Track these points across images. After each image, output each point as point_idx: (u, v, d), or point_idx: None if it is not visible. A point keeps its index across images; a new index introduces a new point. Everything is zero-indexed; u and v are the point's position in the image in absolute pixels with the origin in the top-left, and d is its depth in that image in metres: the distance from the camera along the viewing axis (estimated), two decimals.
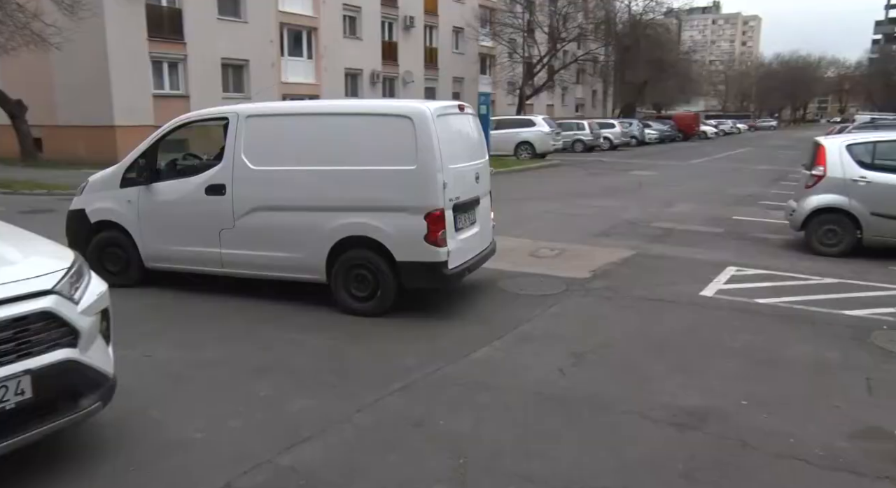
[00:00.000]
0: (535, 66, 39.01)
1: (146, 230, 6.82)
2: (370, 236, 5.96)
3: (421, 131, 5.77)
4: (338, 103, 7.20)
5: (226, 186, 6.40)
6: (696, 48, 78.57)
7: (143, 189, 6.80)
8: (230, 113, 6.56)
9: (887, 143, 9.30)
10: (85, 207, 7.12)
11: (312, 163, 6.13)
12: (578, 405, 4.36)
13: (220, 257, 6.56)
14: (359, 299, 6.13)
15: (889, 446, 3.85)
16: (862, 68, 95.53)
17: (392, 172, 5.87)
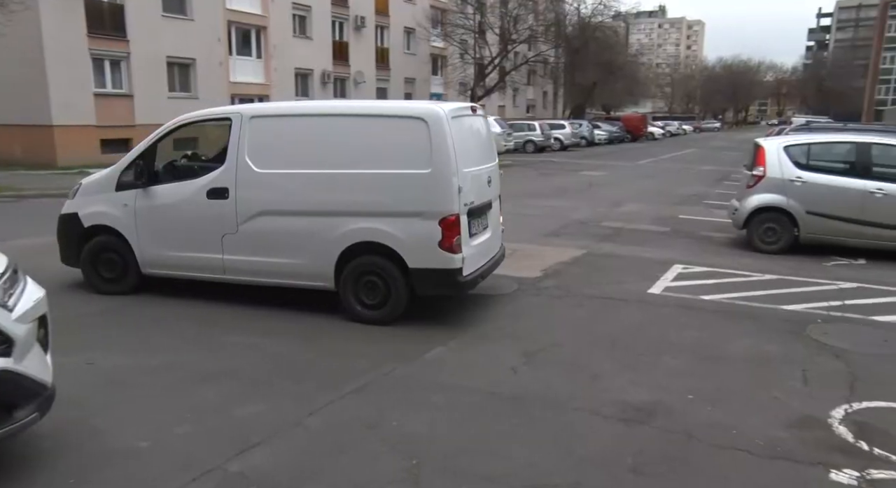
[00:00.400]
0: (486, 67, 39.28)
1: (143, 235, 6.56)
2: (382, 242, 5.75)
3: (435, 133, 5.57)
4: (348, 104, 6.89)
5: (229, 190, 6.15)
6: (644, 51, 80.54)
7: (141, 192, 6.55)
8: (233, 113, 6.33)
9: (820, 145, 9.72)
10: (78, 211, 6.83)
11: (320, 167, 5.89)
12: (531, 403, 4.41)
13: (223, 263, 6.31)
14: (369, 307, 5.91)
15: (822, 434, 4.02)
16: (797, 73, 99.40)
17: (405, 176, 5.66)
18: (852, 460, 3.69)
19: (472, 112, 6.47)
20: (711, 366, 5.13)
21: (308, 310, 6.29)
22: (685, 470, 3.59)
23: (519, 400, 4.45)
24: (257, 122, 6.17)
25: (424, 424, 4.08)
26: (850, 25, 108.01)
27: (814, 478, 3.52)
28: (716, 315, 6.46)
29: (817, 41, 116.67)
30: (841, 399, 4.50)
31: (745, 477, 3.53)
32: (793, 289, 7.38)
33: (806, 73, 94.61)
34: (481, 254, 6.19)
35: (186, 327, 5.86)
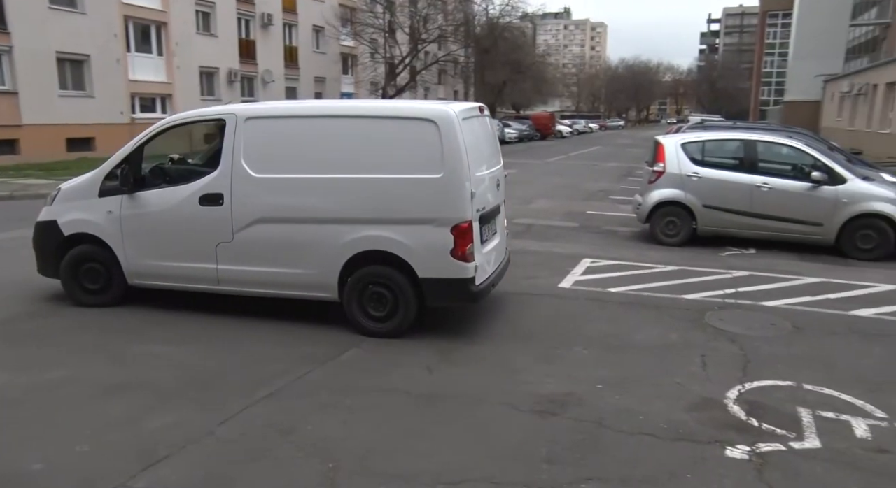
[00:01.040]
0: (397, 67, 39.25)
1: (130, 244, 6.16)
2: (390, 251, 5.47)
3: (447, 136, 5.30)
4: (352, 105, 6.40)
5: (223, 196, 5.80)
6: (551, 51, 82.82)
7: (126, 198, 6.13)
8: (227, 114, 5.95)
9: (713, 142, 10.31)
10: (56, 218, 6.38)
11: (323, 171, 5.56)
12: (447, 401, 4.45)
13: (217, 274, 5.96)
14: (375, 319, 5.64)
15: (719, 414, 4.28)
16: (692, 74, 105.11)
17: (415, 181, 5.38)
18: (744, 436, 3.96)
19: (480, 112, 6.21)
20: (619, 355, 5.35)
21: (218, 314, 6.10)
22: (596, 457, 3.73)
23: (435, 398, 4.48)
24: (253, 124, 5.80)
25: (340, 427, 4.04)
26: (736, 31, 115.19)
27: (711, 456, 3.74)
28: (622, 306, 6.73)
29: (708, 45, 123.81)
30: (735, 380, 4.80)
31: (651, 459, 3.70)
32: (692, 279, 7.80)
33: (700, 75, 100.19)
34: (491, 262, 6.00)
35: (87, 338, 5.54)
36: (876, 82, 30.27)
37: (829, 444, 3.87)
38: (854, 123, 34.08)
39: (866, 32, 42.78)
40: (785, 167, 9.60)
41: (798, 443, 3.88)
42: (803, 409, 4.33)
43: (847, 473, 3.58)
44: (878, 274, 8.18)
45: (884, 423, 4.16)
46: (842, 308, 6.70)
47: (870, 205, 8.99)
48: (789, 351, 5.47)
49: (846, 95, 36.12)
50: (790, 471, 3.58)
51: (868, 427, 4.10)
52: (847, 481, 3.50)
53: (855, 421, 4.17)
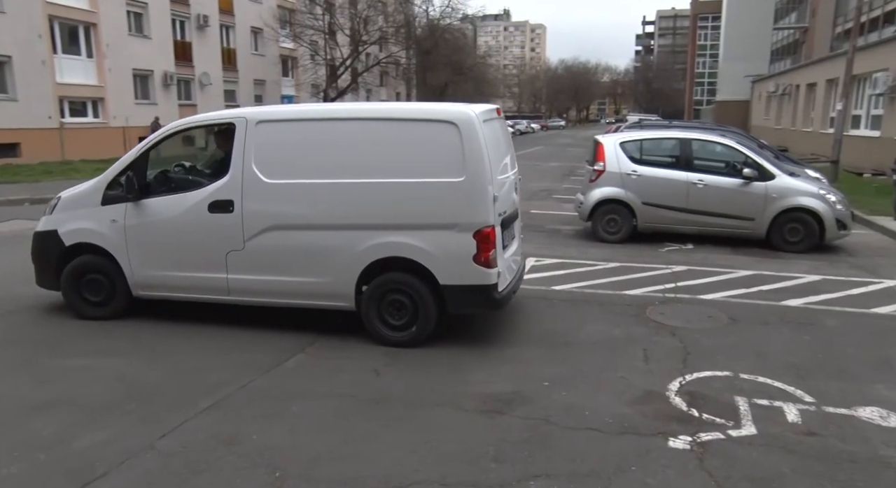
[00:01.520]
0: (338, 69, 38.89)
1: (135, 253, 5.90)
2: (410, 257, 5.31)
3: (468, 138, 5.16)
4: (368, 107, 6.14)
5: (234, 202, 5.58)
6: (491, 53, 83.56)
7: (131, 206, 5.87)
8: (236, 118, 5.72)
9: (651, 141, 10.60)
10: (57, 228, 6.10)
11: (339, 176, 5.38)
12: (394, 403, 4.42)
13: (227, 283, 5.74)
14: (394, 328, 5.49)
15: (661, 406, 4.39)
16: (629, 75, 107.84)
17: (436, 185, 5.22)
18: (686, 426, 4.07)
19: (497, 114, 6.07)
20: (565, 352, 5.42)
21: (154, 323, 5.92)
22: (544, 454, 3.76)
23: (382, 402, 4.44)
24: (265, 128, 5.59)
25: (286, 435, 3.96)
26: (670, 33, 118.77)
27: (655, 447, 3.82)
28: (566, 304, 6.83)
29: (644, 46, 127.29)
30: (676, 372, 4.93)
31: (597, 453, 3.77)
32: (633, 275, 7.99)
33: (636, 75, 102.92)
34: (512, 268, 5.90)
35: (9, 353, 5.27)
36: (798, 83, 31.71)
37: (763, 430, 4.02)
38: (780, 122, 35.63)
39: (788, 36, 44.81)
40: (718, 164, 9.94)
41: (735, 431, 4.01)
42: (740, 398, 4.48)
43: (780, 457, 3.72)
44: (805, 265, 8.56)
45: (812, 407, 4.34)
46: (773, 299, 6.98)
47: (796, 200, 9.39)
48: (726, 342, 5.65)
49: (772, 95, 37.73)
50: (728, 458, 3.70)
51: (798, 412, 4.28)
52: (780, 464, 3.64)
53: (787, 407, 4.34)
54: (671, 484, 3.44)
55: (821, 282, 7.66)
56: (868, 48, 21.78)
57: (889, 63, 19.73)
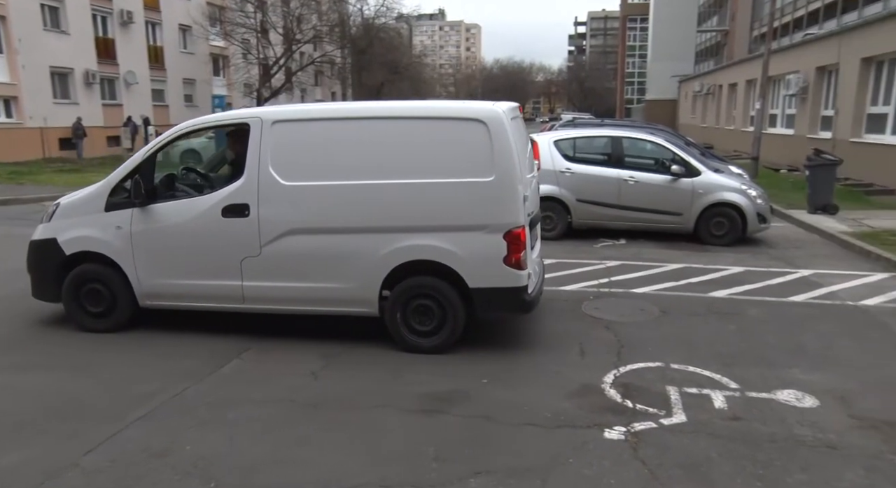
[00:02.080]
0: (271, 68, 38.10)
1: (142, 261, 5.61)
2: (438, 260, 5.15)
3: (497, 136, 5.02)
4: (392, 105, 5.85)
5: (249, 206, 5.33)
6: (427, 52, 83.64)
7: (138, 212, 5.57)
8: (251, 118, 5.44)
9: (584, 139, 10.83)
10: (56, 236, 5.76)
11: (362, 177, 5.18)
12: (333, 406, 4.38)
13: (242, 291, 5.49)
14: (421, 334, 5.33)
15: (597, 399, 4.50)
16: (563, 74, 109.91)
17: (465, 185, 5.07)
18: (620, 417, 4.19)
19: (519, 112, 5.93)
20: (503, 349, 5.48)
21: (78, 333, 5.67)
22: (484, 451, 3.80)
23: (320, 405, 4.39)
24: (282, 128, 5.35)
25: (222, 443, 3.87)
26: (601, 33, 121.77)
27: (591, 439, 3.92)
28: None
29: (576, 46, 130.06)
30: (611, 365, 5.07)
31: (535, 448, 3.83)
32: (569, 271, 8.15)
33: (569, 75, 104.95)
34: (537, 270, 5.77)
35: None
36: (721, 83, 33.05)
37: (693, 417, 4.18)
38: (706, 120, 37.05)
39: (711, 38, 46.66)
40: (648, 162, 10.25)
41: (667, 420, 4.16)
42: (671, 387, 4.64)
43: (708, 442, 3.87)
44: (729, 257, 8.94)
45: (737, 394, 4.54)
46: (701, 291, 7.26)
47: (721, 195, 9.79)
48: (657, 334, 5.84)
49: (697, 95, 39.19)
50: (661, 446, 3.83)
51: (724, 398, 4.47)
52: (708, 449, 3.79)
53: (714, 394, 4.53)
54: (607, 474, 3.53)
55: (744, 274, 8.01)
56: (782, 51, 22.90)
57: (800, 65, 20.80)
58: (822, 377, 4.85)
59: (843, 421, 4.16)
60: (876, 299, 6.91)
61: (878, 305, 6.73)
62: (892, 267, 8.21)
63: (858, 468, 3.60)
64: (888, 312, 6.48)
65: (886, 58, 15.55)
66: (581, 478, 3.50)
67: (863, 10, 21.35)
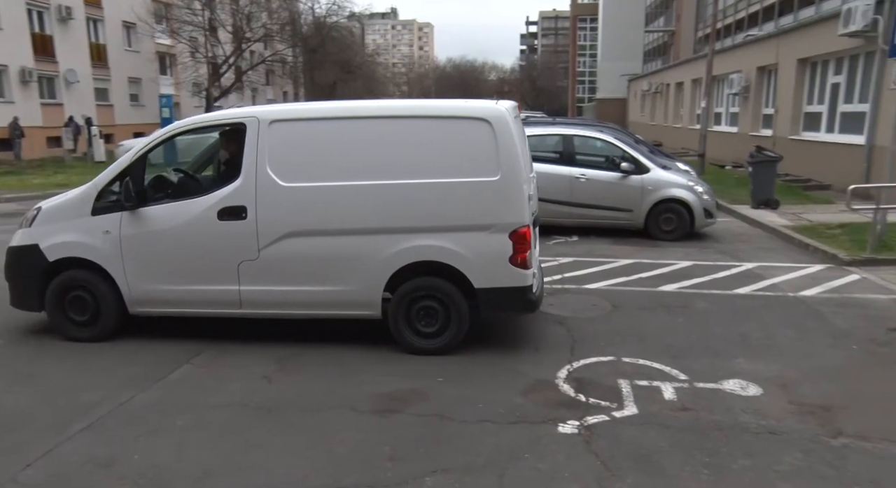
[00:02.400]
0: (221, 67, 37.34)
1: (132, 267, 5.41)
2: (443, 261, 5.11)
3: (502, 135, 5.01)
4: (394, 104, 5.78)
5: (246, 208, 5.18)
6: (380, 51, 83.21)
7: (128, 215, 5.37)
8: (247, 117, 5.30)
9: (536, 137, 10.83)
10: (38, 242, 5.50)
11: (364, 178, 5.10)
12: (286, 410, 4.33)
13: (239, 296, 5.35)
14: (425, 336, 5.27)
15: (551, 394, 4.56)
16: (515, 73, 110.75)
17: (471, 185, 5.04)
18: (574, 412, 4.25)
19: (518, 111, 5.89)
20: (460, 348, 5.45)
21: (15, 342, 5.45)
22: (439, 449, 3.81)
23: (274, 409, 4.33)
24: (280, 128, 5.22)
25: (171, 451, 3.78)
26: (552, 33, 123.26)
27: (546, 434, 3.97)
28: None
29: (528, 46, 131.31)
30: (564, 360, 5.14)
31: (491, 444, 3.85)
32: None
33: (522, 74, 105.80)
34: (537, 270, 5.75)
35: None
36: (668, 82, 33.86)
37: (644, 409, 4.28)
38: (654, 118, 37.90)
39: (658, 38, 47.70)
40: (599, 159, 10.44)
41: (619, 412, 4.24)
42: (623, 380, 4.74)
43: (658, 433, 3.97)
44: (678, 252, 9.17)
45: (686, 385, 4.67)
46: (651, 285, 7.42)
47: (669, 192, 10.03)
48: (610, 328, 5.95)
49: (646, 93, 40.07)
50: (613, 439, 3.90)
51: (674, 389, 4.58)
52: (658, 440, 3.88)
53: (664, 386, 4.64)
54: (561, 468, 3.58)
55: (692, 268, 8.23)
56: (724, 52, 23.58)
57: (742, 65, 21.46)
58: (765, 366, 5.01)
59: (784, 407, 4.31)
60: (814, 290, 7.19)
61: (815, 296, 7.00)
62: (828, 259, 8.56)
63: (797, 451, 3.74)
64: (824, 302, 6.74)
65: (819, 59, 16.17)
66: (536, 473, 3.54)
67: (798, 14, 22.16)
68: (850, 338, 5.69)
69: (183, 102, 37.10)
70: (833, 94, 15.47)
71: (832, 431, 3.98)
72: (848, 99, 14.80)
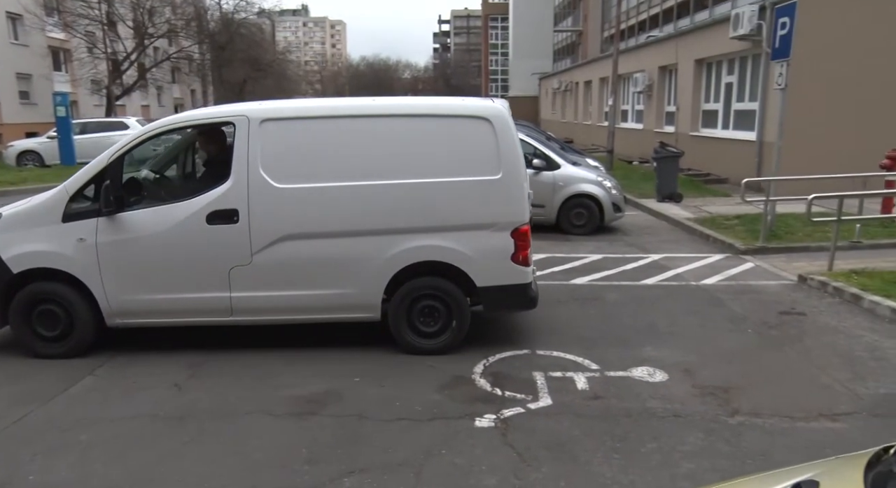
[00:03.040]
0: (122, 63, 35.52)
1: (110, 277, 5.06)
2: (445, 261, 5.08)
3: (502, 134, 5.01)
4: (392, 102, 5.57)
5: (238, 211, 4.96)
6: (291, 49, 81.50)
7: (105, 221, 5.01)
8: (236, 116, 5.07)
9: None
10: (0, 253, 5.05)
11: (362, 178, 4.98)
12: (199, 417, 4.19)
13: (230, 303, 5.11)
14: (426, 335, 5.23)
15: (468, 389, 4.63)
16: (429, 72, 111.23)
17: (472, 184, 5.03)
18: (490, 405, 4.33)
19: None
20: (376, 346, 5.46)
21: None
22: (357, 449, 3.79)
23: (186, 417, 4.19)
24: (272, 127, 5.02)
25: (73, 468, 3.59)
26: (464, 32, 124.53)
27: (463, 429, 4.02)
28: None
29: (441, 44, 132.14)
30: (481, 355, 5.21)
31: (409, 442, 3.87)
32: None
33: (436, 72, 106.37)
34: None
35: None
36: (577, 80, 34.93)
37: (557, 400, 4.41)
38: (565, 116, 38.99)
39: (567, 37, 49.14)
40: None
41: (534, 404, 4.35)
42: (537, 373, 4.86)
43: (572, 422, 4.10)
44: (589, 246, 9.49)
45: (597, 374, 4.85)
46: (564, 279, 7.65)
47: (580, 187, 10.36)
48: (525, 321, 6.08)
49: (556, 91, 41.17)
50: (528, 430, 4.00)
51: (586, 379, 4.75)
52: (572, 428, 4.02)
53: (577, 376, 4.80)
54: (478, 462, 3.64)
55: (602, 261, 8.54)
56: (629, 51, 24.57)
57: (645, 65, 22.43)
58: (671, 352, 5.28)
59: (687, 390, 4.56)
60: (714, 278, 7.62)
61: (715, 284, 7.42)
62: (726, 248, 9.09)
63: (699, 432, 3.96)
64: (723, 290, 7.17)
65: (714, 60, 17.12)
66: (454, 468, 3.59)
67: (694, 17, 23.39)
68: (746, 322, 6.07)
69: (81, 101, 35.14)
70: (727, 92, 16.41)
71: (730, 411, 4.24)
72: (740, 98, 15.73)
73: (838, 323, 5.99)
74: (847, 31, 12.64)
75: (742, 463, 3.56)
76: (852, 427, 4.01)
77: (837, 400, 4.37)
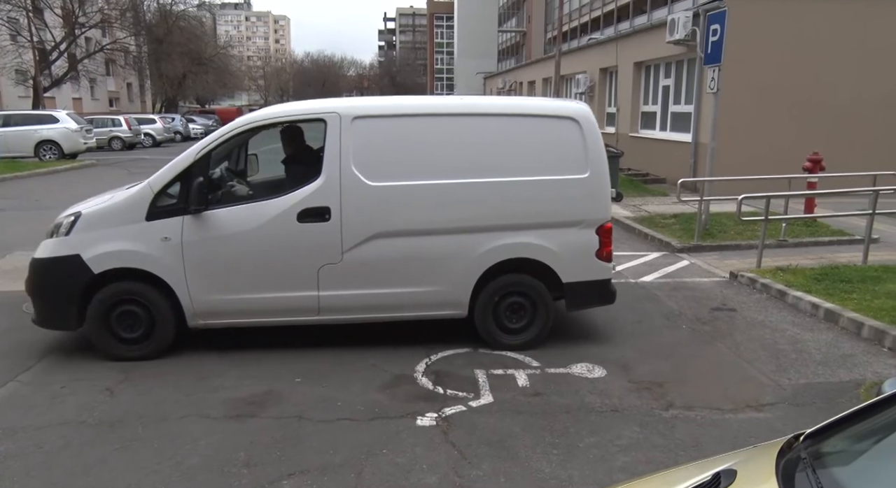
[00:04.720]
0: (50, 54, 33.97)
1: (196, 277, 4.95)
2: (534, 258, 5.18)
3: (589, 134, 5.15)
4: (482, 102, 5.58)
5: (330, 209, 4.91)
6: (233, 43, 79.62)
7: (191, 220, 4.89)
8: (328, 113, 5.00)
9: None
10: (80, 252, 4.85)
11: (453, 176, 5.03)
12: (132, 423, 4.06)
13: (318, 302, 5.08)
14: (512, 332, 5.29)
15: (410, 388, 4.63)
16: (374, 69, 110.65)
17: (562, 182, 5.14)
18: (432, 404, 4.34)
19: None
20: (319, 346, 5.40)
21: None
22: (297, 451, 3.74)
23: (118, 423, 4.05)
24: (364, 124, 5.00)
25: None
26: (410, 30, 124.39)
27: (404, 428, 4.02)
28: None
29: (387, 42, 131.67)
30: (423, 354, 5.22)
31: (350, 442, 3.84)
32: None
33: (381, 70, 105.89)
34: None
35: None
36: (522, 80, 35.34)
37: (499, 397, 4.45)
38: None
39: (511, 37, 49.68)
40: None
41: (476, 402, 4.38)
42: (479, 371, 4.90)
43: (512, 419, 4.15)
44: None
45: (538, 371, 4.92)
46: None
47: None
48: (467, 319, 6.10)
49: (501, 91, 41.50)
50: (469, 427, 4.03)
51: (527, 376, 4.82)
52: (512, 425, 4.06)
53: (518, 374, 4.86)
54: (419, 460, 3.65)
55: None
56: (572, 53, 25.02)
57: (586, 67, 22.87)
58: (609, 349, 5.40)
59: (625, 386, 4.68)
60: (651, 276, 7.84)
61: (652, 281, 7.64)
62: (663, 246, 9.36)
63: (635, 425, 4.07)
64: (660, 287, 7.38)
65: (652, 63, 17.60)
66: (394, 467, 3.58)
67: (633, 20, 23.99)
68: (681, 318, 6.26)
69: (5, 91, 33.44)
70: (665, 95, 16.89)
71: (664, 404, 4.37)
72: (676, 100, 16.22)
73: (765, 318, 6.25)
74: (776, 38, 13.19)
75: (675, 455, 3.68)
76: (775, 416, 4.20)
77: (763, 392, 4.57)
